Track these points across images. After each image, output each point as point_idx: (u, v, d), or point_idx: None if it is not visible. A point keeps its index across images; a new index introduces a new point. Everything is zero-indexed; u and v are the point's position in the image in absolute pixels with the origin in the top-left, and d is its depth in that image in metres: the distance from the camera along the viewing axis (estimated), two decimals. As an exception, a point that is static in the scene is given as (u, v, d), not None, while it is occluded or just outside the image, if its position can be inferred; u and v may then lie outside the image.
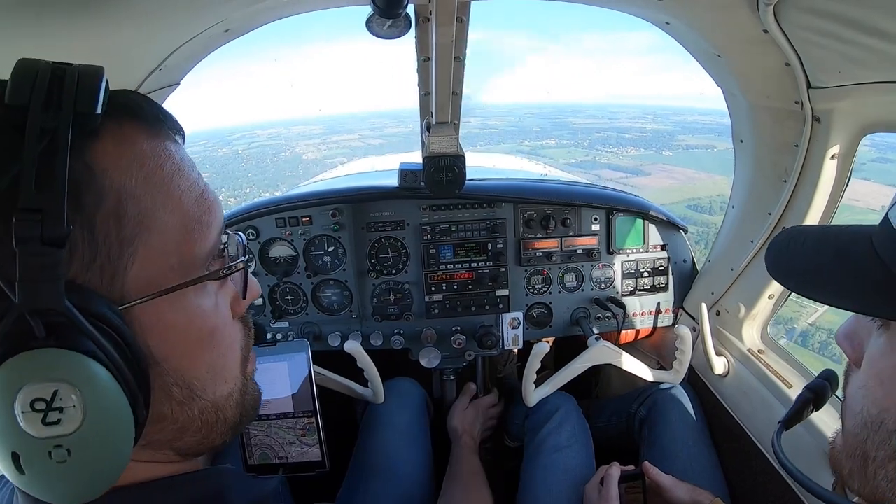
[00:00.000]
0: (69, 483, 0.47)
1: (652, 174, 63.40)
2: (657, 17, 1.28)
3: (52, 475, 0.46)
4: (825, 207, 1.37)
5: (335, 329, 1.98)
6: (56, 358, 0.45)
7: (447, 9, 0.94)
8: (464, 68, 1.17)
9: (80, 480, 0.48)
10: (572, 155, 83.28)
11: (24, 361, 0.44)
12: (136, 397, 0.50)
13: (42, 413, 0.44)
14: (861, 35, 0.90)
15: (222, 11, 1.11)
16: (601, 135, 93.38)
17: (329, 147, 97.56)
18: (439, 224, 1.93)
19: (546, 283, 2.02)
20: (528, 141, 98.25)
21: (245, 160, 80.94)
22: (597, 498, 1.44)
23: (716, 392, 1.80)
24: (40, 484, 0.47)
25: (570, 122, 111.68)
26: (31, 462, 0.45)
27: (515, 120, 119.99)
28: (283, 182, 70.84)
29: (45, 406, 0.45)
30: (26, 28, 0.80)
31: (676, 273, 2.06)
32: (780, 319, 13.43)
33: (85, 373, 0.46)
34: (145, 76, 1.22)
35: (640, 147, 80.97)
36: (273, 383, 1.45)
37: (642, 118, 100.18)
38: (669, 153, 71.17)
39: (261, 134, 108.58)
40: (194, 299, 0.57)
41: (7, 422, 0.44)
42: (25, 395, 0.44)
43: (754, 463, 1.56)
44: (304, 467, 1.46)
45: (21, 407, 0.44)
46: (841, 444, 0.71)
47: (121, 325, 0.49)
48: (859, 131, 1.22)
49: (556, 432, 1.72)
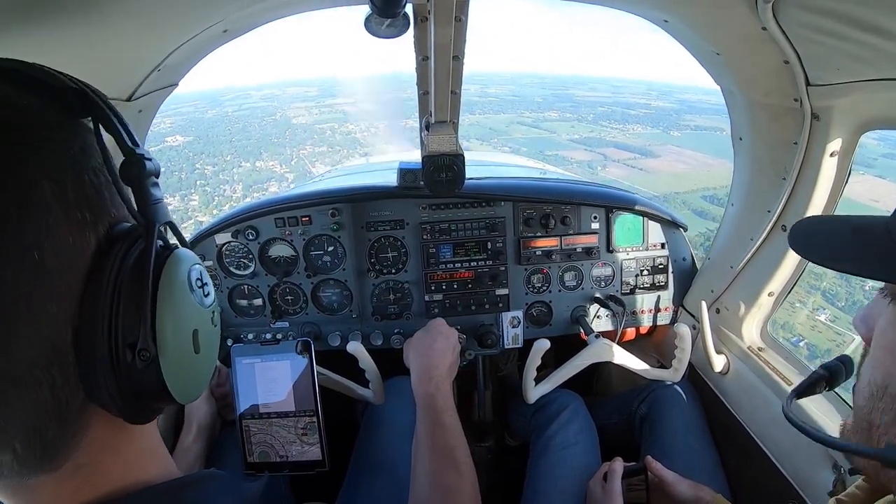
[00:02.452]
0: (215, 354, 0.63)
1: (662, 156, 61.71)
2: (656, 16, 1.28)
3: (214, 341, 0.62)
4: (825, 205, 1.37)
5: (335, 329, 1.98)
6: (185, 252, 0.59)
7: (446, 8, 0.94)
8: (463, 67, 1.17)
9: (217, 351, 0.64)
10: (576, 130, 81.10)
11: (180, 257, 0.57)
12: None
13: (202, 288, 0.59)
14: (860, 32, 0.90)
15: (221, 12, 1.11)
16: (605, 109, 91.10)
17: (321, 111, 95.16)
18: (439, 223, 1.93)
19: (546, 282, 2.02)
20: (530, 112, 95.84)
21: (232, 123, 78.53)
22: (600, 493, 1.44)
23: (716, 390, 1.80)
24: (206, 358, 0.59)
25: (572, 94, 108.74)
26: (204, 333, 0.58)
27: (516, 89, 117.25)
28: (266, 149, 68.34)
29: (201, 283, 0.59)
30: (25, 29, 0.80)
31: (676, 271, 2.06)
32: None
33: (198, 258, 0.62)
34: (144, 77, 1.22)
35: (646, 125, 79.10)
36: (275, 382, 1.45)
37: (646, 94, 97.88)
38: (678, 133, 69.52)
39: (254, 95, 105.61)
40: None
41: (187, 302, 0.56)
42: (193, 277, 0.58)
43: (754, 460, 1.56)
44: (305, 466, 1.46)
45: (195, 285, 0.58)
46: (851, 423, 0.73)
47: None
48: (858, 128, 1.22)
49: (564, 429, 1.73)
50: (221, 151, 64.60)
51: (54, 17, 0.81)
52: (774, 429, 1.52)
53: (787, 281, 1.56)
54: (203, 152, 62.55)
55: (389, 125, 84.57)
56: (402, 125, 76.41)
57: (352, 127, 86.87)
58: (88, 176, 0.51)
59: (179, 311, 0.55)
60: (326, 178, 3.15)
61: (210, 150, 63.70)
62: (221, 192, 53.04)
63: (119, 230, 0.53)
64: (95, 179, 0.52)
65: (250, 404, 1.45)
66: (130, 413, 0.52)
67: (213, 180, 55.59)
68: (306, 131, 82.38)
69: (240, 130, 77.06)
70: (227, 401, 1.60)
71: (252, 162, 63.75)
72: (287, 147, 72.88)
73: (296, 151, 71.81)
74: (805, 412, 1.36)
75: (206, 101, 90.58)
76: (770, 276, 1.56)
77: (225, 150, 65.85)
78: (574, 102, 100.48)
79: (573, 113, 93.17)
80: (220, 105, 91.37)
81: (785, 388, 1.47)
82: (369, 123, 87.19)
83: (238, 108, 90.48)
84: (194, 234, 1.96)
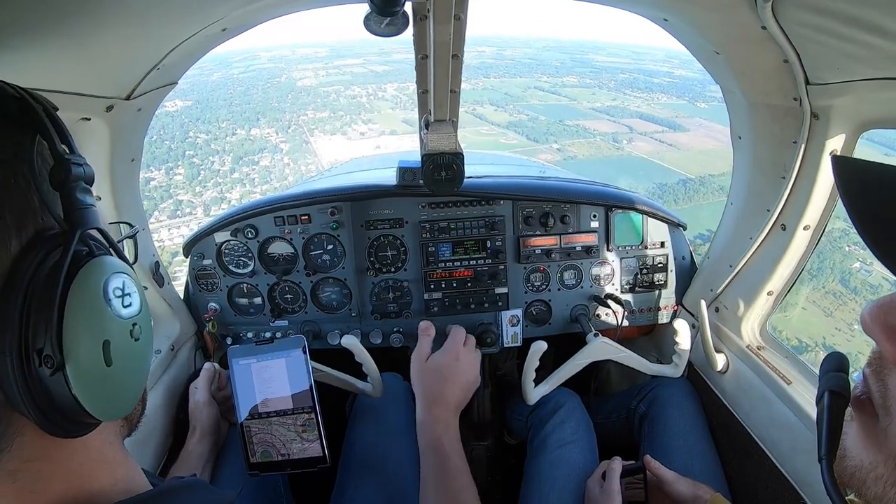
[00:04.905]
0: (138, 370, 0.62)
1: (690, 130, 59.80)
2: (655, 14, 1.28)
3: (133, 356, 0.59)
4: (825, 204, 1.37)
5: (335, 327, 1.98)
6: (109, 260, 0.58)
7: (445, 6, 0.93)
8: (462, 66, 1.17)
9: (143, 368, 0.63)
10: (597, 98, 78.24)
11: (97, 264, 0.56)
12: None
13: (121, 298, 0.58)
14: (859, 32, 0.90)
15: (219, 11, 1.11)
16: (627, 76, 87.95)
17: (329, 72, 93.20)
18: (438, 222, 1.93)
19: (545, 281, 2.02)
20: (548, 77, 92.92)
21: (235, 86, 77.09)
22: (599, 492, 1.44)
23: (715, 388, 1.80)
24: (122, 373, 0.58)
25: (591, 58, 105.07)
26: (118, 345, 0.56)
27: (534, 52, 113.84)
28: (265, 115, 66.54)
29: (121, 293, 0.58)
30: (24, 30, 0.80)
31: (675, 270, 2.06)
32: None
33: (127, 268, 0.61)
34: (143, 76, 1.22)
35: (670, 94, 75.98)
36: (272, 381, 1.45)
37: (667, 62, 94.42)
38: (704, 105, 66.99)
39: (263, 56, 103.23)
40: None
41: (98, 311, 0.55)
42: (111, 286, 0.56)
43: (753, 458, 1.57)
44: (307, 463, 1.46)
45: (111, 294, 0.56)
46: (869, 462, 0.51)
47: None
48: (858, 128, 1.22)
49: (560, 428, 1.73)
50: (218, 117, 62.95)
51: (53, 16, 0.81)
52: (773, 428, 1.52)
53: (787, 280, 1.56)
54: (199, 119, 60.90)
55: (398, 89, 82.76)
56: (411, 89, 72.75)
57: (357, 90, 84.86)
58: (15, 179, 0.52)
59: (89, 320, 0.54)
60: (326, 177, 3.15)
61: (206, 116, 62.10)
62: (209, 164, 51.51)
63: (45, 236, 0.53)
64: (23, 184, 0.52)
65: (250, 405, 1.45)
66: (49, 424, 0.52)
67: (204, 150, 54.04)
68: (310, 94, 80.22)
69: (241, 94, 75.30)
70: (229, 403, 1.60)
71: (247, 129, 62.38)
72: (287, 112, 71.12)
73: (295, 117, 70.11)
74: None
75: (215, 63, 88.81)
76: (769, 275, 1.56)
77: (222, 115, 64.21)
78: (594, 68, 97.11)
79: (594, 79, 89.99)
80: (228, 66, 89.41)
81: (784, 387, 1.47)
82: (377, 86, 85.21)
83: (245, 69, 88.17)
84: (193, 232, 1.96)
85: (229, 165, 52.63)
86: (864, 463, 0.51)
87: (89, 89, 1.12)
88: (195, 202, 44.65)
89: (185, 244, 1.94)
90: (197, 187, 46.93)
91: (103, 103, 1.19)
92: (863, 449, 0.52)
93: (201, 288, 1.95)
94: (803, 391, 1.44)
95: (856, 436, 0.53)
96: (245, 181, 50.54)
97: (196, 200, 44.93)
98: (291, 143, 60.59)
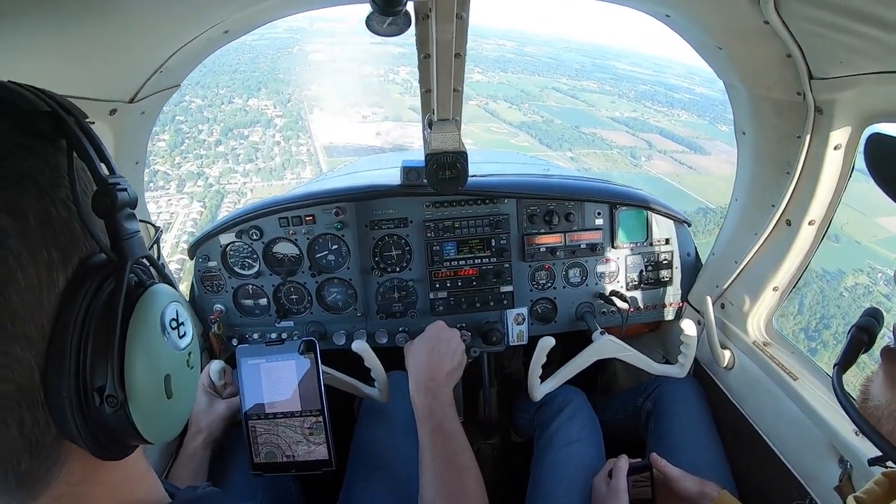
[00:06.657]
0: (192, 396, 0.62)
1: (711, 154, 57.91)
2: (657, 10, 1.28)
3: (189, 384, 0.59)
4: (830, 199, 1.36)
5: (340, 327, 1.98)
6: (161, 289, 0.56)
7: (447, 5, 0.94)
8: (464, 65, 1.17)
9: (195, 391, 0.63)
10: (617, 107, 76.36)
11: (152, 296, 0.54)
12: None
13: (177, 329, 0.56)
14: (862, 25, 0.90)
15: (222, 13, 1.12)
16: (648, 88, 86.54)
17: (343, 47, 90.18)
18: (442, 221, 1.93)
19: (550, 279, 2.02)
20: (567, 79, 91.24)
21: (244, 53, 73.78)
22: (605, 490, 1.44)
23: (721, 385, 1.80)
24: (180, 402, 0.57)
25: (612, 65, 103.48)
26: (177, 377, 0.55)
27: (554, 52, 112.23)
28: (267, 86, 64.56)
29: (177, 323, 0.57)
30: (28, 33, 0.81)
31: (681, 266, 2.05)
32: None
33: (178, 294, 0.59)
34: (146, 79, 1.23)
35: (691, 112, 74.26)
36: (280, 382, 1.45)
37: (689, 78, 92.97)
38: (725, 128, 63.03)
39: (280, 25, 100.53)
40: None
41: (158, 345, 0.53)
42: (167, 317, 0.55)
43: (760, 455, 1.56)
44: (311, 466, 1.47)
45: (168, 326, 0.55)
46: (887, 401, 0.64)
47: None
48: (862, 122, 1.21)
49: (567, 426, 1.73)
50: (218, 83, 60.82)
51: (56, 20, 0.82)
52: (780, 424, 1.51)
53: (792, 275, 1.56)
54: (199, 83, 58.44)
55: (410, 73, 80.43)
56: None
57: (369, 70, 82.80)
58: (56, 209, 0.48)
59: (150, 356, 0.52)
60: (330, 178, 3.16)
61: (207, 81, 59.84)
62: (197, 132, 49.38)
63: (91, 265, 0.51)
64: (64, 212, 0.49)
65: (256, 405, 1.46)
66: (103, 452, 0.51)
67: (195, 117, 51.97)
68: (319, 69, 78.20)
69: (249, 61, 72.62)
70: (234, 401, 1.60)
71: (245, 99, 60.20)
72: (290, 86, 69.10)
73: (297, 91, 68.30)
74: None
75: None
76: (775, 271, 1.55)
77: (224, 80, 62.04)
78: (615, 75, 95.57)
79: (613, 86, 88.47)
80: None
81: (791, 383, 1.47)
82: (390, 68, 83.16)
83: (259, 37, 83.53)
84: (198, 235, 1.97)
85: (216, 136, 50.22)
86: (883, 402, 0.64)
87: (92, 93, 1.12)
88: (171, 174, 42.49)
89: (191, 246, 1.95)
90: (177, 158, 44.85)
91: (107, 107, 1.19)
92: (885, 391, 0.64)
93: (207, 290, 1.96)
94: (810, 387, 1.43)
95: (881, 381, 0.66)
96: (229, 156, 48.20)
97: (172, 173, 42.79)
98: (287, 119, 58.27)
